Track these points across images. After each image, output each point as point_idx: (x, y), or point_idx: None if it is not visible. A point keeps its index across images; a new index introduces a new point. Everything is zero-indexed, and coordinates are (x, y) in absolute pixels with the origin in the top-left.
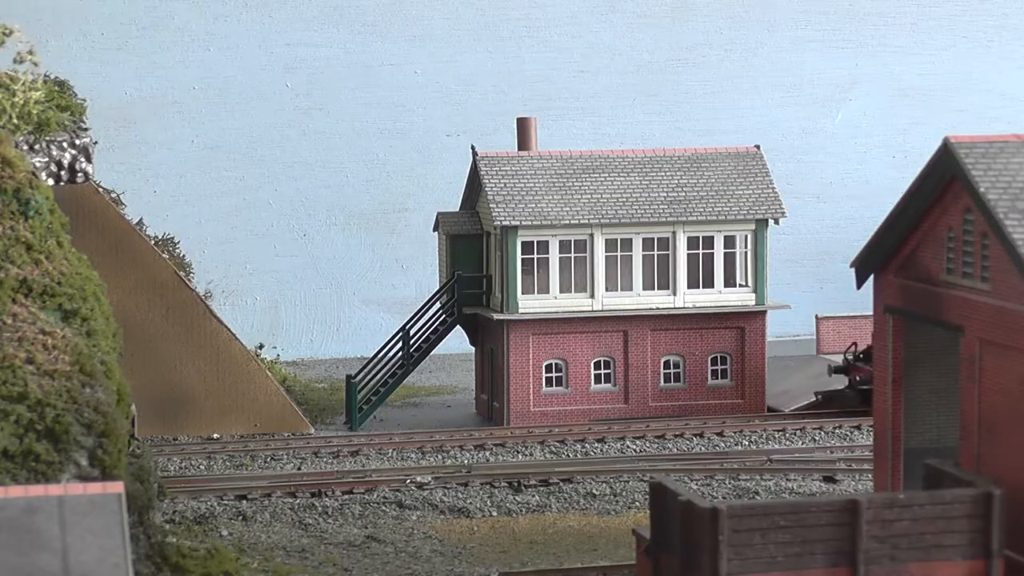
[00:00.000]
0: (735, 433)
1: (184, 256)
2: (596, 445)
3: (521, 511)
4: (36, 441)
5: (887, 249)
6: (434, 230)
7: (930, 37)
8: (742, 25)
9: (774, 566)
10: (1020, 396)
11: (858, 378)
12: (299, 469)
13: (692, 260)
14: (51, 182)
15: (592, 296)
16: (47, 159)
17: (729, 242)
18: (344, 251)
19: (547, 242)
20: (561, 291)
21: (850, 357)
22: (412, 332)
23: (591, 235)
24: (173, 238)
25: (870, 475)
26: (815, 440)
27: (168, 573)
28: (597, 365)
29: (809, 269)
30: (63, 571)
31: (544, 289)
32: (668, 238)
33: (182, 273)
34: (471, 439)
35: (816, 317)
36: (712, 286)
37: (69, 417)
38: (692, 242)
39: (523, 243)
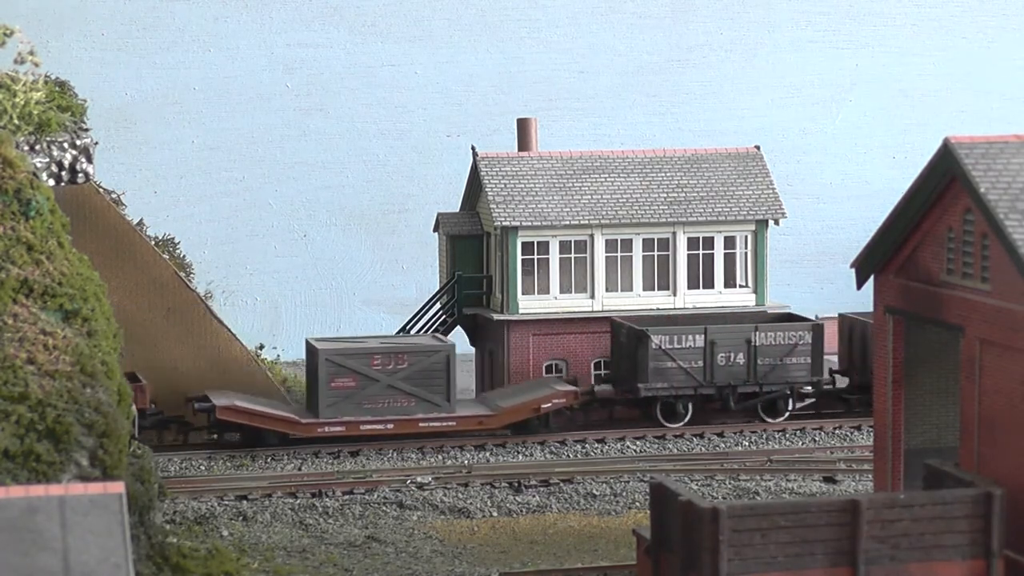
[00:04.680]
0: (735, 433)
1: (184, 256)
2: (596, 445)
3: (521, 511)
4: (37, 441)
5: (887, 249)
6: (434, 230)
7: (930, 37)
8: (742, 25)
9: (774, 566)
10: (1020, 396)
11: None
12: (299, 469)
13: (692, 261)
14: (52, 182)
15: (592, 297)
16: (48, 159)
17: (729, 243)
18: (344, 251)
19: (547, 243)
20: (561, 292)
21: None
22: (412, 333)
23: (591, 235)
24: (173, 238)
25: (870, 475)
26: (815, 440)
27: (169, 573)
28: (597, 366)
29: (809, 269)
30: (64, 571)
31: (544, 290)
32: (668, 239)
33: (182, 274)
34: (471, 439)
35: (816, 317)
36: (712, 287)
37: (70, 417)
38: (692, 243)
39: (523, 243)
